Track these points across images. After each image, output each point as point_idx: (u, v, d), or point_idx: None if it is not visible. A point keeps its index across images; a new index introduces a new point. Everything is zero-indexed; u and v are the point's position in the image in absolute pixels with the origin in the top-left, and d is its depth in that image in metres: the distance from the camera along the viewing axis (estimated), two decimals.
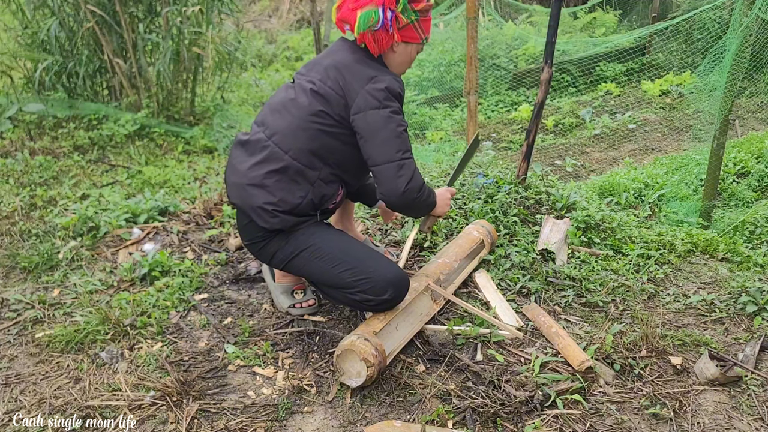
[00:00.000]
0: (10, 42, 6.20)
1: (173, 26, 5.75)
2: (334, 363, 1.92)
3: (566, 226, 2.88)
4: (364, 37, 2.03)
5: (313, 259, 2.08)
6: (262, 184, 2.04)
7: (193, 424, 1.81)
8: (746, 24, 3.88)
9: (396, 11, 2.00)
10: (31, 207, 3.70)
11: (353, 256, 2.07)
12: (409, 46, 2.11)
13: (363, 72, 2.02)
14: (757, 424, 1.81)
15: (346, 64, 2.04)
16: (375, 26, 1.99)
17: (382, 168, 1.98)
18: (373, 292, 2.01)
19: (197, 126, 5.99)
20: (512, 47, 8.82)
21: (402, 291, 2.06)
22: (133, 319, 2.31)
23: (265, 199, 2.03)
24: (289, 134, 2.05)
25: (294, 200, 2.04)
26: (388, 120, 1.97)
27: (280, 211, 2.04)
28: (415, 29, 2.07)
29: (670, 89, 7.77)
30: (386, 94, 1.99)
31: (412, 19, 2.04)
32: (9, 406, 1.91)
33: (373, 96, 1.97)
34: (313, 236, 2.09)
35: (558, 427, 1.78)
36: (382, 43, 2.04)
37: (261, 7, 13.93)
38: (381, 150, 1.98)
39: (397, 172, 1.97)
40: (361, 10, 1.99)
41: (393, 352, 2.02)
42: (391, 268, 2.06)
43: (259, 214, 2.05)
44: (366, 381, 1.87)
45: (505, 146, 6.59)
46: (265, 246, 2.14)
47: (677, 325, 2.32)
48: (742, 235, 3.77)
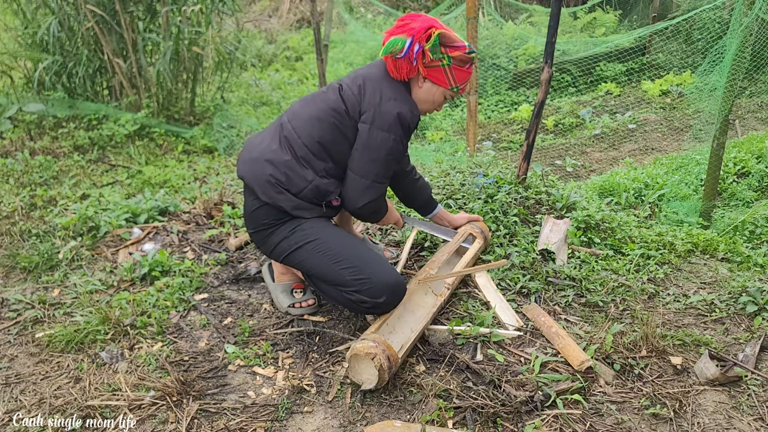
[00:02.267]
0: (10, 42, 6.20)
1: (173, 26, 5.75)
2: (349, 375, 1.93)
3: (566, 226, 2.88)
4: (387, 60, 2.12)
5: (316, 253, 2.11)
6: (273, 160, 2.12)
7: (193, 424, 1.81)
8: (746, 24, 3.88)
9: (424, 47, 2.07)
10: (31, 207, 3.70)
11: (356, 255, 2.10)
12: (435, 87, 2.17)
13: (385, 89, 2.11)
14: (757, 424, 1.81)
15: (375, 78, 2.14)
16: (397, 54, 2.07)
17: (355, 177, 2.12)
18: (369, 293, 2.04)
19: (197, 126, 6.00)
20: (512, 47, 8.82)
21: (397, 297, 2.10)
22: (133, 318, 2.31)
23: (274, 174, 2.11)
24: (307, 121, 2.14)
25: (300, 183, 2.12)
26: (383, 144, 2.08)
27: (286, 189, 2.11)
28: (445, 74, 2.13)
29: (670, 89, 7.77)
30: (396, 121, 2.07)
31: (444, 63, 2.11)
32: (9, 405, 1.91)
33: (383, 117, 2.07)
34: (320, 230, 2.14)
35: (558, 427, 1.78)
36: (402, 71, 2.12)
37: (261, 7, 13.93)
38: (364, 164, 2.10)
39: (365, 190, 2.11)
40: (393, 36, 2.09)
41: (403, 347, 2.02)
42: (392, 273, 2.09)
43: (265, 188, 2.11)
44: (379, 383, 1.88)
45: (505, 146, 6.59)
46: (270, 235, 2.18)
47: (677, 325, 2.32)
48: (742, 235, 3.77)
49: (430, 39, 2.07)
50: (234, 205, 3.34)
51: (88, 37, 5.70)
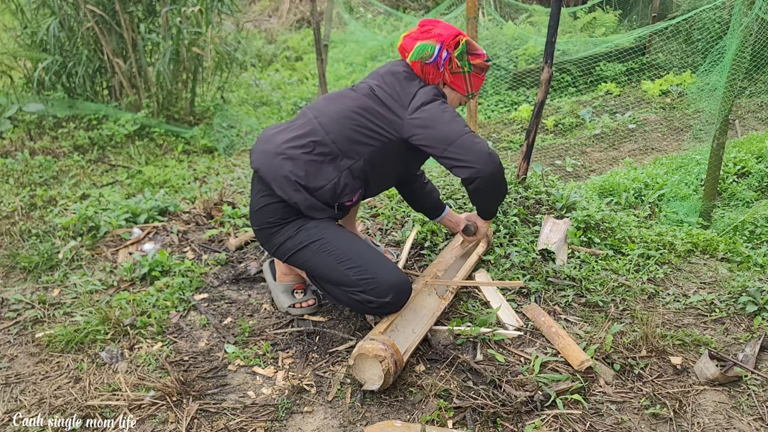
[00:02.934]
0: (10, 42, 6.20)
1: (173, 26, 5.75)
2: (352, 372, 1.93)
3: (566, 226, 2.88)
4: (414, 65, 2.17)
5: (321, 253, 2.10)
6: (294, 156, 2.08)
7: (193, 423, 1.81)
8: (746, 24, 3.88)
9: (452, 54, 2.12)
10: (31, 207, 3.70)
11: (361, 255, 2.09)
12: (454, 93, 2.23)
13: (414, 80, 2.16)
14: (757, 424, 1.81)
15: (401, 75, 2.17)
16: (427, 59, 2.12)
17: (459, 142, 2.03)
18: (375, 293, 2.03)
19: (197, 126, 6.00)
20: (512, 47, 8.82)
21: (403, 296, 2.09)
22: (133, 318, 2.31)
23: (292, 170, 2.07)
24: (336, 118, 2.12)
25: (319, 182, 2.09)
26: (444, 107, 2.09)
27: (303, 186, 2.08)
28: (465, 81, 2.19)
29: (670, 89, 7.77)
30: (436, 91, 2.14)
31: (465, 70, 2.17)
32: (9, 405, 1.91)
33: (426, 94, 2.11)
34: (325, 230, 2.12)
35: (558, 427, 1.78)
36: (429, 77, 2.16)
37: (261, 7, 13.93)
38: (450, 128, 2.04)
39: (475, 139, 2.04)
40: (421, 42, 2.12)
41: (408, 350, 2.02)
42: (396, 272, 2.09)
43: (281, 184, 2.08)
44: (383, 385, 1.87)
45: (505, 146, 6.59)
46: (275, 233, 2.16)
47: (677, 325, 2.32)
48: (742, 235, 3.77)
49: (458, 46, 2.11)
50: (234, 205, 3.34)
51: (88, 37, 5.70)
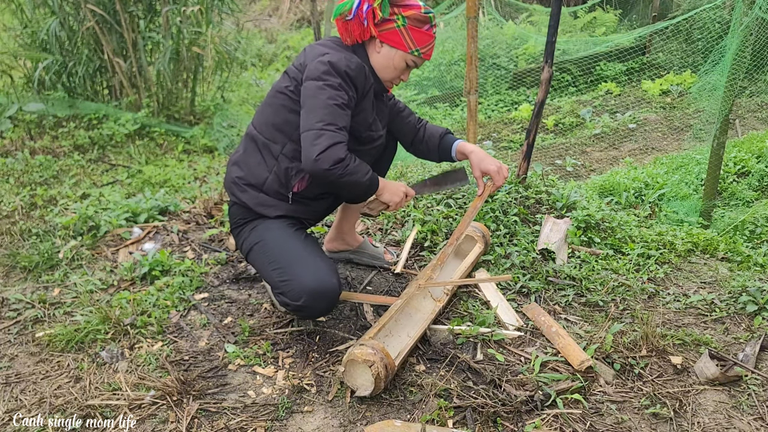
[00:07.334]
0: (10, 41, 6.20)
1: (173, 26, 5.75)
2: (343, 377, 1.90)
3: (566, 226, 2.88)
4: (339, 26, 2.08)
5: (260, 254, 2.11)
6: (236, 160, 2.19)
7: (193, 423, 1.81)
8: (746, 24, 3.88)
9: (373, 5, 1.99)
10: (31, 206, 3.70)
11: (287, 256, 2.04)
12: (393, 51, 2.06)
13: (322, 50, 2.04)
14: (757, 423, 1.81)
15: (318, 46, 2.08)
16: (347, 15, 2.01)
17: (303, 136, 1.93)
18: (290, 296, 2.00)
19: (197, 125, 6.00)
20: (512, 47, 8.82)
21: (319, 303, 1.99)
22: (134, 318, 2.31)
23: (237, 174, 2.15)
24: (260, 110, 2.18)
25: (261, 174, 2.12)
26: (319, 91, 1.94)
27: (247, 184, 2.13)
28: (402, 35, 2.03)
29: (670, 89, 7.77)
30: (328, 68, 1.95)
31: (399, 24, 2.02)
32: (9, 405, 1.91)
33: (315, 68, 1.97)
34: (266, 231, 2.12)
35: (558, 427, 1.78)
36: (354, 34, 2.06)
37: (261, 7, 13.93)
38: (306, 117, 1.94)
39: (314, 141, 1.89)
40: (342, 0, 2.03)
41: (401, 353, 2.00)
42: (315, 276, 1.97)
43: (232, 190, 2.17)
44: (374, 391, 1.85)
45: (505, 146, 6.59)
46: (239, 234, 2.21)
47: (677, 325, 2.32)
48: (742, 235, 3.77)
49: None
50: None
51: (88, 36, 5.70)
